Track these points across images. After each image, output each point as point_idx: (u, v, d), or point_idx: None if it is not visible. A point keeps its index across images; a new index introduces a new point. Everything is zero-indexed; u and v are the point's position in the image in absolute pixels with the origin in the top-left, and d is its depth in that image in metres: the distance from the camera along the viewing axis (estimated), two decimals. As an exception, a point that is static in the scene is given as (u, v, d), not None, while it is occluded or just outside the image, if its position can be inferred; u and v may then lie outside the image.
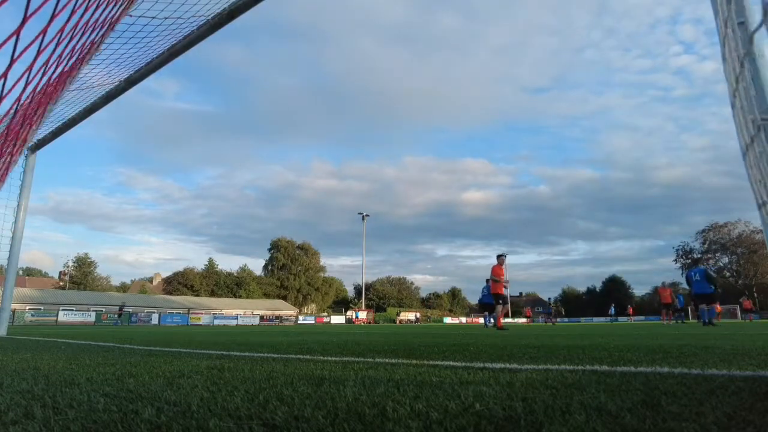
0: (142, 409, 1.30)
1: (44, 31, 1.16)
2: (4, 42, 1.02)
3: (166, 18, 4.75)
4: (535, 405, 1.32)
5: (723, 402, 1.34)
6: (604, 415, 1.19)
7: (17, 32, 1.04)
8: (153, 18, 4.66)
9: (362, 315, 48.90)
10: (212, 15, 5.05)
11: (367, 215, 51.23)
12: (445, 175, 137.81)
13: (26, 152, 8.59)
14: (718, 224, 78.64)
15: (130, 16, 4.42)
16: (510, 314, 67.79)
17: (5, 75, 1.13)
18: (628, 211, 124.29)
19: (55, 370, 2.31)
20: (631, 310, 43.66)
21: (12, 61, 1.09)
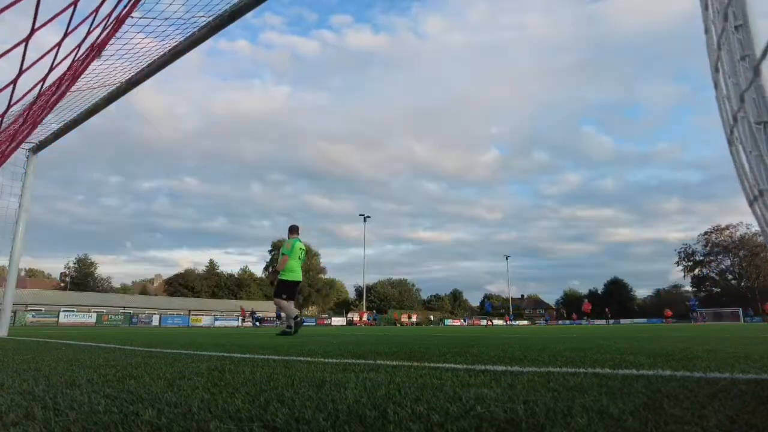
0: (142, 411, 1.30)
1: (59, 44, 1.16)
2: (11, 49, 1.03)
3: (166, 19, 4.75)
4: (536, 408, 1.31)
5: (725, 405, 1.33)
6: (606, 418, 1.19)
7: (26, 40, 1.04)
8: (154, 18, 4.67)
9: (364, 317, 49.02)
10: (213, 16, 5.05)
11: (368, 216, 51.23)
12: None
13: (27, 153, 8.60)
14: (720, 226, 78.61)
15: (132, 17, 4.42)
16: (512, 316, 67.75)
17: (15, 82, 1.13)
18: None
19: (56, 371, 2.30)
20: (587, 306, 33.54)
21: (21, 72, 1.10)
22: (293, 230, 8.76)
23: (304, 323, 45.48)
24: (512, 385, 1.74)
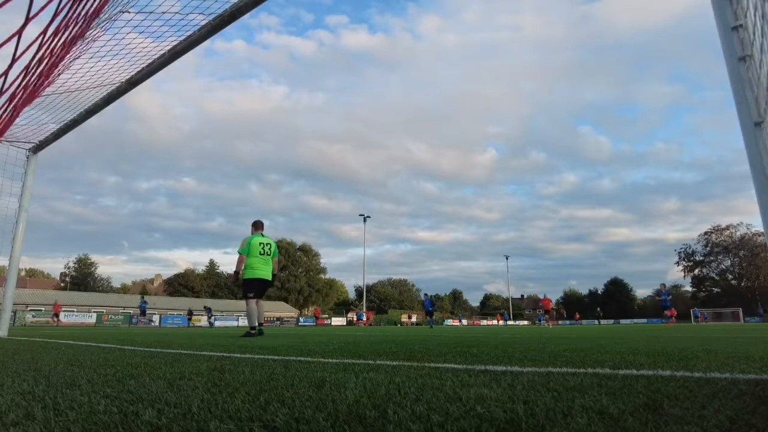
0: (142, 411, 1.30)
1: (44, 32, 1.16)
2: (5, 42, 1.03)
3: (163, 13, 4.74)
4: (536, 408, 1.31)
5: (725, 405, 1.33)
6: (606, 418, 1.19)
7: (19, 32, 1.04)
8: (150, 13, 4.65)
9: (362, 317, 48.93)
10: (213, 16, 5.05)
11: (368, 216, 51.20)
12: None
13: (27, 153, 8.60)
14: (721, 227, 78.61)
15: (129, 12, 4.41)
16: (512, 317, 67.78)
17: (6, 73, 1.13)
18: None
19: (56, 372, 2.30)
20: (546, 302, 29.78)
21: (13, 61, 1.10)
22: (255, 225, 8.36)
23: (304, 323, 45.49)
24: (512, 385, 1.74)
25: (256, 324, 7.72)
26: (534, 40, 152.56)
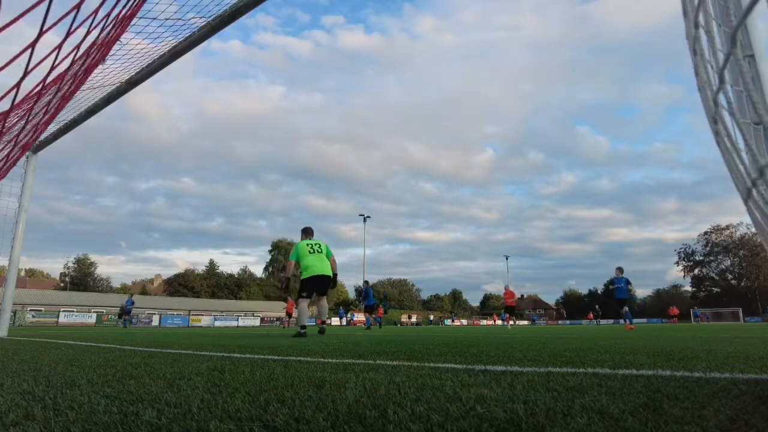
0: (142, 411, 1.30)
1: (60, 46, 1.16)
2: (20, 54, 1.03)
3: (166, 19, 4.75)
4: (536, 407, 1.31)
5: (725, 405, 1.33)
6: (606, 418, 1.19)
7: (32, 45, 1.04)
8: (153, 19, 4.67)
9: (360, 317, 48.91)
10: (213, 17, 5.05)
11: (368, 216, 51.18)
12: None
13: (27, 153, 8.60)
14: (720, 226, 78.63)
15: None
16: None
17: (18, 86, 1.13)
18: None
19: (56, 372, 2.30)
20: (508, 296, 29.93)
21: (25, 74, 1.10)
22: (305, 232, 8.62)
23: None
24: (512, 384, 1.74)
25: (306, 323, 7.74)
26: (532, 40, 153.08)
